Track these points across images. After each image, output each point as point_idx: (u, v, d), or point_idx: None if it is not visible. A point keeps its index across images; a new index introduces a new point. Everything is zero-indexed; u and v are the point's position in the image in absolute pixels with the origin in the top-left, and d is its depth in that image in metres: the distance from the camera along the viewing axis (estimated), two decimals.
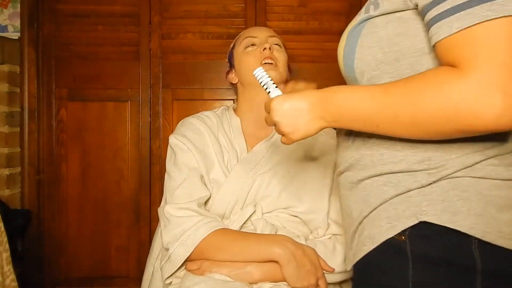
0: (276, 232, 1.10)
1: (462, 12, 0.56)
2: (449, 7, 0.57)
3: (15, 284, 1.29)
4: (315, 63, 1.74)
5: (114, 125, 1.81)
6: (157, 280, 1.17)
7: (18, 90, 1.80)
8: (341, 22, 1.79)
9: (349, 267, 0.78)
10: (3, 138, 1.74)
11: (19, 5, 1.78)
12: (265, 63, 1.18)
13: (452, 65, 0.58)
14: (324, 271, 1.04)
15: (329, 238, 1.14)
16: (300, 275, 1.00)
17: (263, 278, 1.01)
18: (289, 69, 1.30)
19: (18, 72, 1.80)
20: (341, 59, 0.75)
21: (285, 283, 1.02)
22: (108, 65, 1.80)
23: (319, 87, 0.78)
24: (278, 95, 0.75)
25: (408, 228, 0.65)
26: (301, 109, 0.70)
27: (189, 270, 1.06)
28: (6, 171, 1.74)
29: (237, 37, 1.33)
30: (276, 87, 0.81)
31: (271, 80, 0.82)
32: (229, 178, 1.13)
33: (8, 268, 1.28)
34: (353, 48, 0.71)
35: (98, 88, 1.80)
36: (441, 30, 0.58)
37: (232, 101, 1.78)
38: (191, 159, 1.15)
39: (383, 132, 0.65)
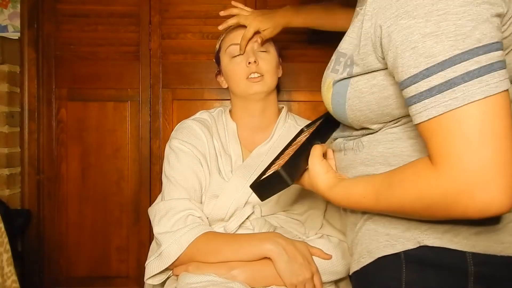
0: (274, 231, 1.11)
1: (426, 101, 0.55)
2: (414, 93, 0.56)
3: (16, 285, 1.29)
4: (315, 63, 1.74)
5: (114, 125, 1.81)
6: None
7: (18, 90, 1.80)
8: None
9: (350, 272, 0.80)
10: (3, 138, 1.74)
11: (19, 5, 1.78)
12: (252, 77, 1.18)
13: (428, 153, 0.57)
14: (321, 270, 1.05)
15: (320, 237, 1.14)
16: (293, 269, 1.00)
17: (247, 282, 1.01)
18: (280, 64, 1.30)
19: (18, 72, 1.80)
20: (330, 110, 0.77)
21: (274, 286, 1.02)
22: (108, 65, 1.80)
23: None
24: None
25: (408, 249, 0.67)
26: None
27: (176, 275, 1.06)
28: (6, 171, 1.73)
29: (221, 38, 1.31)
30: None
31: None
32: (229, 185, 1.14)
33: (9, 269, 1.27)
34: (342, 109, 0.73)
35: (98, 88, 1.80)
36: (414, 115, 0.57)
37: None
38: (190, 162, 1.16)
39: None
